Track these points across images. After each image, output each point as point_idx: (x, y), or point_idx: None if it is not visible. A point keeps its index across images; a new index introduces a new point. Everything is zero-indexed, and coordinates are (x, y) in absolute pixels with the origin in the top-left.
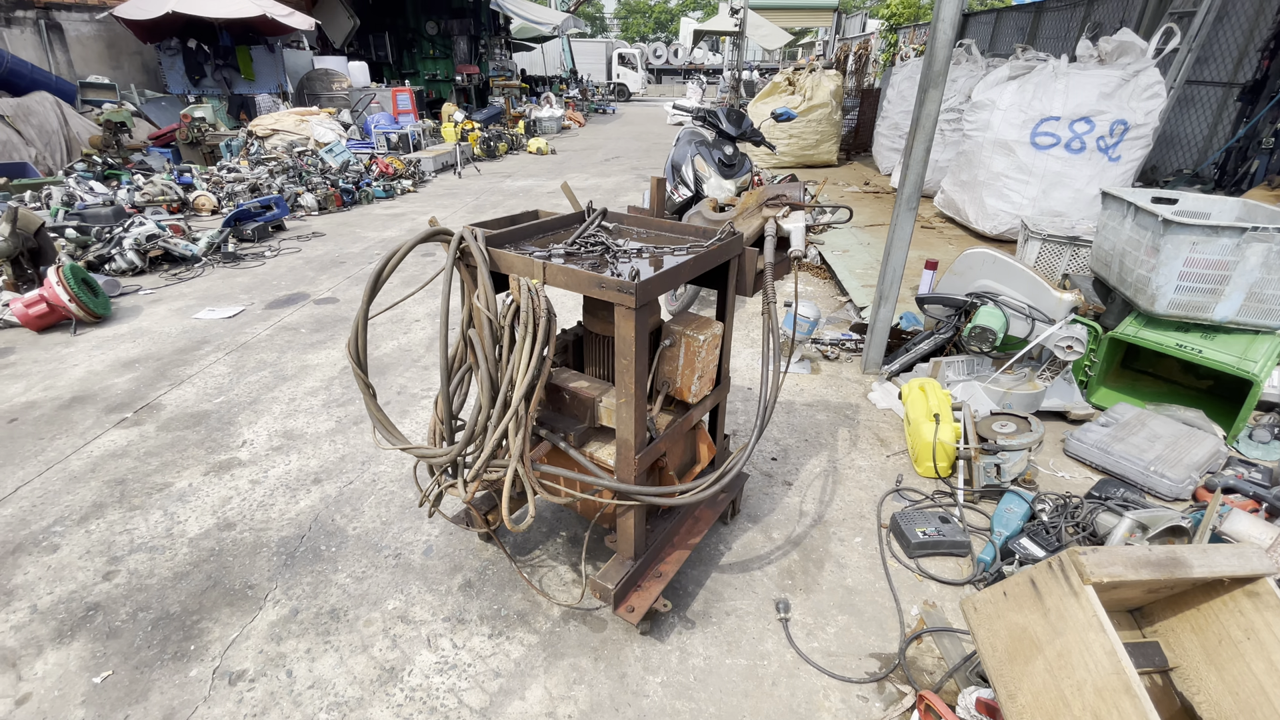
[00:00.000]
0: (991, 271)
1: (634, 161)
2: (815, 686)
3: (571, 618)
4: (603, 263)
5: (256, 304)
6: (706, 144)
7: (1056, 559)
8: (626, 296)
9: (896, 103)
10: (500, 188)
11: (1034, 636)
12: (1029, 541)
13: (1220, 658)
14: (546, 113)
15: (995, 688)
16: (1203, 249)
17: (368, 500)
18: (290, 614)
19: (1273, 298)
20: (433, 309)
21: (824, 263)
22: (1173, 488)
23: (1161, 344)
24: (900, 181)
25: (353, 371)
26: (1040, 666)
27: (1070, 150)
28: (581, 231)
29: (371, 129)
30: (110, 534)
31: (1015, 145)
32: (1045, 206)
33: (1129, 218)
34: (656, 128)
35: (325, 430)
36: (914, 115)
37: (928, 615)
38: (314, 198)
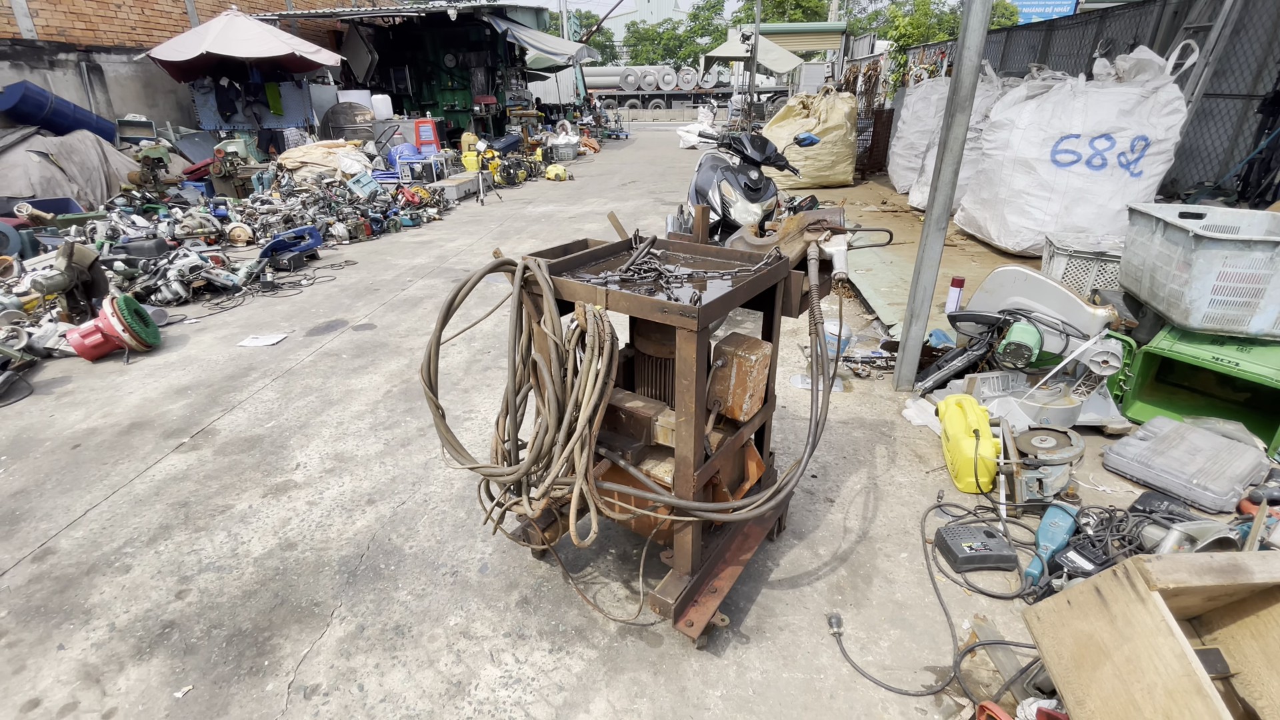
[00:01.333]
0: (1024, 289)
1: (650, 185)
2: (873, 699)
3: (628, 633)
4: (657, 287)
5: (298, 331)
6: (731, 169)
7: (1121, 567)
8: (689, 320)
9: (911, 123)
10: (522, 214)
11: (1101, 643)
12: (1076, 555)
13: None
14: (563, 140)
15: (1062, 694)
16: (1235, 263)
17: (421, 520)
18: (357, 630)
19: None
20: (469, 333)
21: (848, 281)
22: (1216, 500)
23: (1198, 357)
24: (929, 202)
25: (424, 394)
26: (1108, 672)
27: (1091, 167)
28: (635, 259)
29: (396, 159)
30: (179, 554)
31: (1036, 163)
32: (1068, 223)
33: (1158, 233)
34: (670, 152)
35: (374, 453)
36: (941, 138)
37: (979, 629)
38: (345, 227)
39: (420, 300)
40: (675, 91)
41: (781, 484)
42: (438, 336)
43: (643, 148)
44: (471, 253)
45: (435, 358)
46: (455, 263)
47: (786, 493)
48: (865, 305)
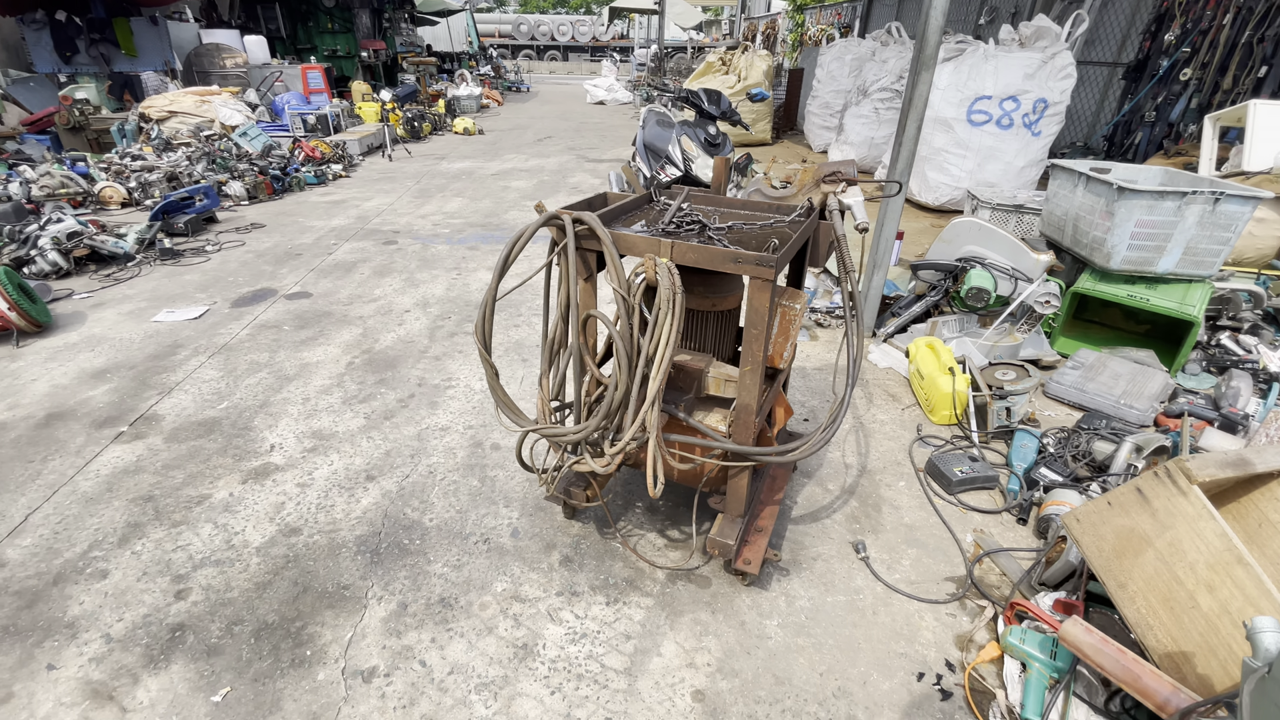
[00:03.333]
0: (977, 238)
1: (568, 141)
2: (909, 610)
3: (676, 579)
4: (706, 238)
5: (220, 303)
6: (689, 124)
7: (1162, 468)
8: (765, 269)
9: (826, 82)
10: (439, 170)
11: (1143, 533)
12: (1046, 470)
13: (1261, 538)
14: (465, 91)
15: (1104, 581)
16: (1150, 212)
17: (433, 492)
18: (400, 608)
19: (1204, 251)
20: (420, 298)
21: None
22: (1139, 416)
23: (1117, 295)
24: (893, 158)
25: (479, 354)
26: (1150, 557)
27: (1000, 126)
28: (673, 211)
29: (284, 110)
30: (162, 553)
31: (954, 122)
32: (980, 178)
33: (1080, 186)
34: (579, 107)
35: (357, 428)
36: (906, 96)
37: (981, 540)
38: (242, 186)
39: (354, 265)
40: (572, 44)
41: (831, 421)
42: (493, 295)
43: (548, 102)
44: (394, 212)
45: (490, 317)
46: (379, 223)
47: (834, 430)
48: None
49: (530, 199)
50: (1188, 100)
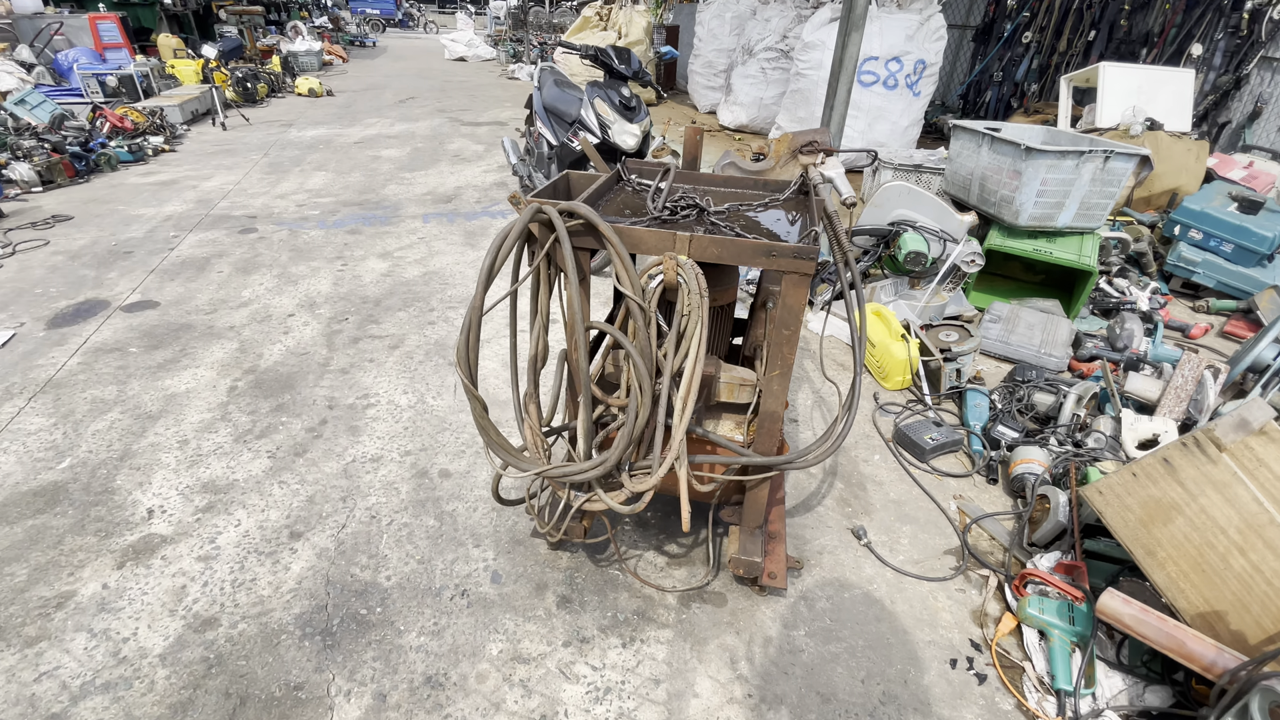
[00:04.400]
0: (906, 201)
1: (435, 103)
2: (922, 593)
3: (690, 600)
4: (710, 225)
5: (30, 323)
6: (600, 86)
7: (1190, 437)
8: (805, 263)
9: (708, 40)
10: (288, 139)
11: (1171, 502)
12: (1003, 427)
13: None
14: (302, 46)
15: (1131, 549)
16: (1053, 171)
17: (382, 542)
18: (377, 700)
19: (1095, 205)
20: (303, 297)
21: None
22: (1057, 363)
23: (1025, 250)
24: (823, 121)
25: (462, 384)
26: (1180, 524)
27: (887, 87)
28: (665, 196)
29: (73, 71)
30: (19, 687)
31: None
32: (871, 138)
33: (984, 147)
34: (437, 64)
35: (262, 471)
36: (835, 58)
37: (965, 507)
38: (30, 168)
39: (208, 262)
40: None
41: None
42: (479, 310)
43: (401, 58)
44: (245, 193)
45: (475, 343)
46: (229, 207)
47: (849, 427)
48: None
49: (408, 170)
50: (1029, 61)
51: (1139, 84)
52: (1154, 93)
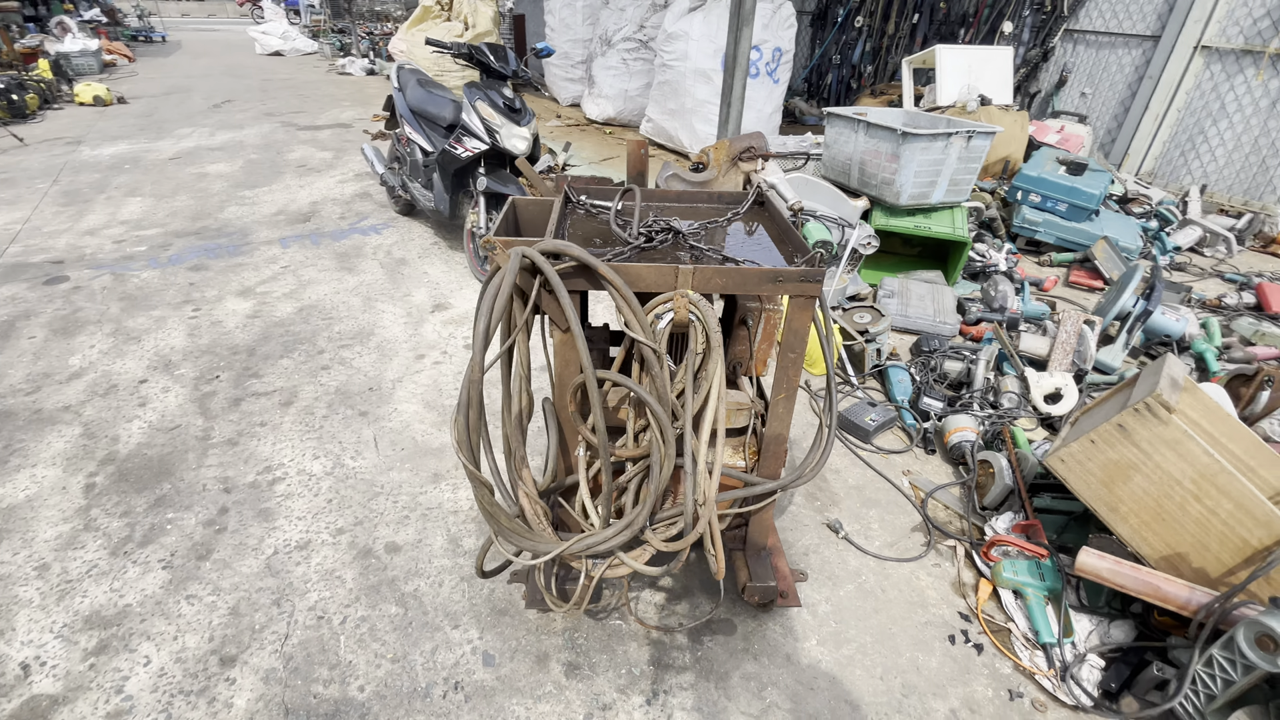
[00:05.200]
0: (804, 191)
1: (260, 105)
2: (904, 575)
3: (701, 635)
4: (694, 250)
5: None
6: (479, 87)
7: (1142, 403)
8: (812, 286)
9: (561, 31)
10: (83, 161)
11: (1129, 462)
12: (927, 399)
13: None
14: (74, 45)
15: (1094, 508)
16: (926, 152)
17: (340, 646)
18: None
19: (961, 180)
20: (152, 357)
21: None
22: (950, 330)
23: (906, 227)
24: (721, 117)
25: (465, 470)
26: (1139, 481)
27: (750, 76)
28: (636, 221)
29: None
30: None
31: (712, 73)
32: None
33: (860, 132)
34: (249, 60)
35: (159, 588)
36: (729, 53)
37: (916, 481)
38: None
39: (12, 327)
40: None
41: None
42: (479, 380)
43: (202, 54)
44: (38, 232)
45: (479, 416)
46: (20, 253)
47: (832, 433)
48: None
49: (247, 187)
50: (863, 44)
51: (969, 63)
52: (981, 70)
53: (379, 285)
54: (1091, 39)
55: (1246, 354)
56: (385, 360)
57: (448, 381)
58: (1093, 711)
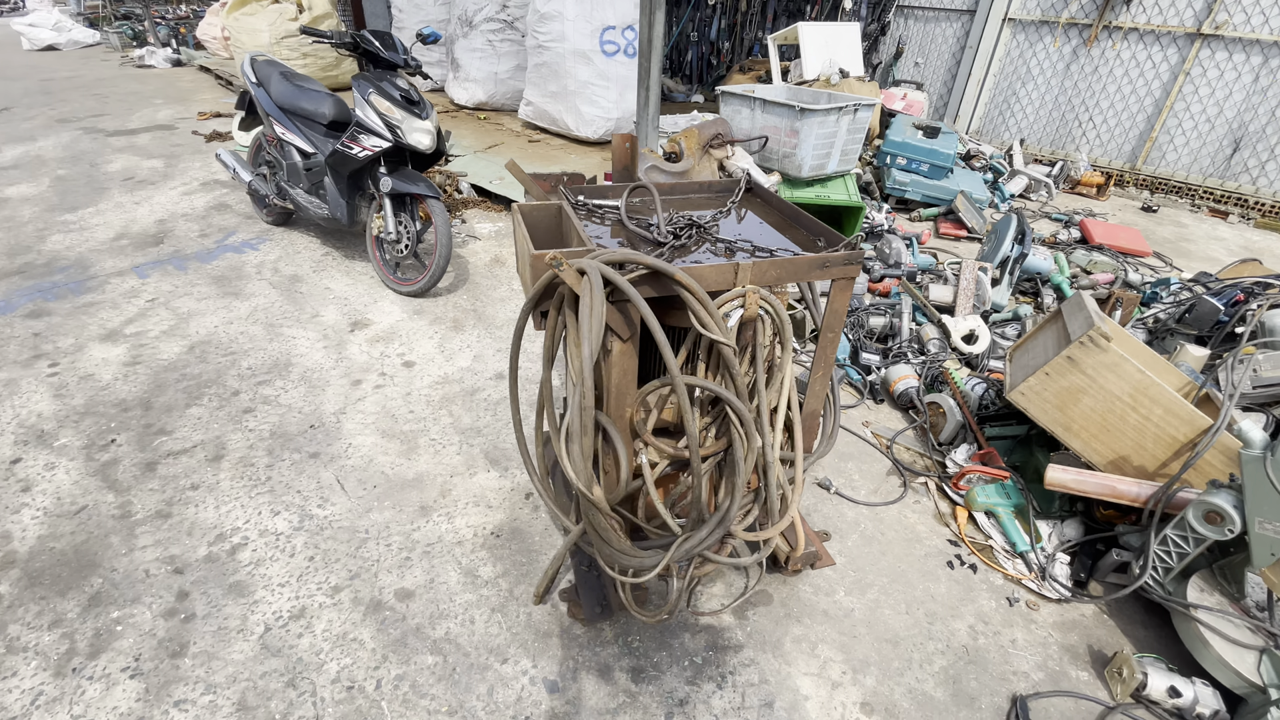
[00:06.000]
0: None
1: (49, 110)
2: (895, 516)
3: (744, 611)
4: (720, 244)
5: None
6: (371, 79)
7: (1086, 336)
8: (853, 269)
9: (411, 11)
10: None
11: (1078, 387)
12: (865, 355)
13: None
14: None
15: (1052, 430)
16: (823, 126)
17: (382, 713)
18: None
19: (850, 150)
20: (16, 429)
21: (483, 194)
22: (861, 288)
23: (808, 197)
24: (640, 101)
25: (585, 500)
26: (1087, 401)
27: (628, 56)
28: (660, 220)
29: None
30: None
31: (591, 54)
32: (625, 108)
33: (757, 110)
34: (17, 57)
35: (135, 700)
36: (643, 37)
37: (877, 430)
38: None
39: None
40: None
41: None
42: (591, 403)
43: None
44: None
45: (593, 439)
46: None
47: (839, 413)
48: None
49: (66, 210)
50: (719, 21)
51: (826, 39)
52: (837, 45)
53: (278, 308)
54: (919, 13)
55: (1091, 281)
56: (317, 392)
57: (398, 406)
58: (1073, 600)
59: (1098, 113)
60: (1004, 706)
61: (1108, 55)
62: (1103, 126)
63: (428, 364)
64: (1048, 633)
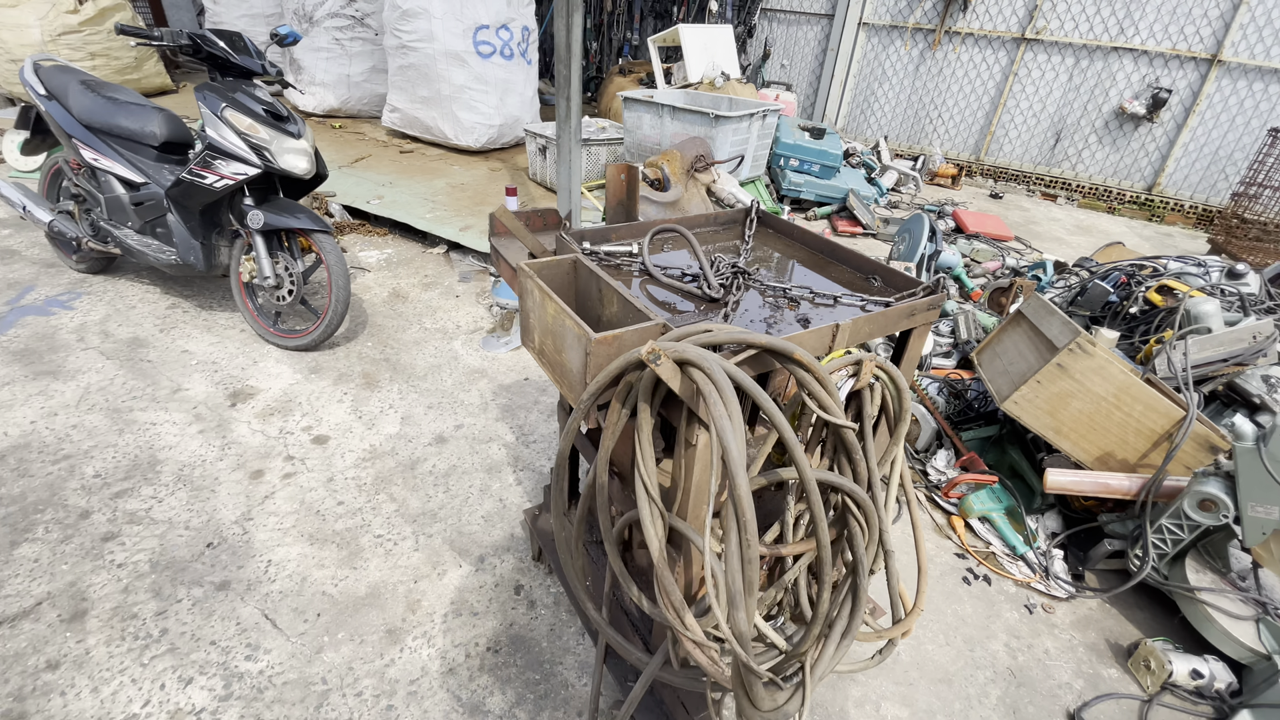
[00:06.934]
0: None
1: None
2: (902, 535)
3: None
4: (771, 292)
5: None
6: (220, 90)
7: (1074, 344)
8: (935, 313)
9: (231, 5)
10: None
11: (1068, 391)
12: None
13: None
14: None
15: (1045, 435)
16: (736, 132)
17: None
18: None
19: (761, 155)
20: None
21: (358, 215)
22: None
23: None
24: (563, 111)
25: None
26: (1075, 404)
27: (504, 57)
28: (707, 266)
29: None
30: None
31: (465, 56)
32: (507, 113)
33: (665, 116)
34: None
35: None
36: (562, 40)
37: None
38: None
39: None
40: None
41: None
42: (754, 547)
43: None
44: None
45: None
46: None
47: None
48: (423, 237)
49: None
50: (584, 21)
51: (705, 41)
52: (715, 47)
53: (121, 386)
54: (782, 17)
55: (982, 270)
56: (204, 496)
57: (321, 498)
58: (1079, 595)
59: (945, 110)
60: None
61: (950, 58)
62: (951, 122)
63: (345, 436)
64: (1070, 635)
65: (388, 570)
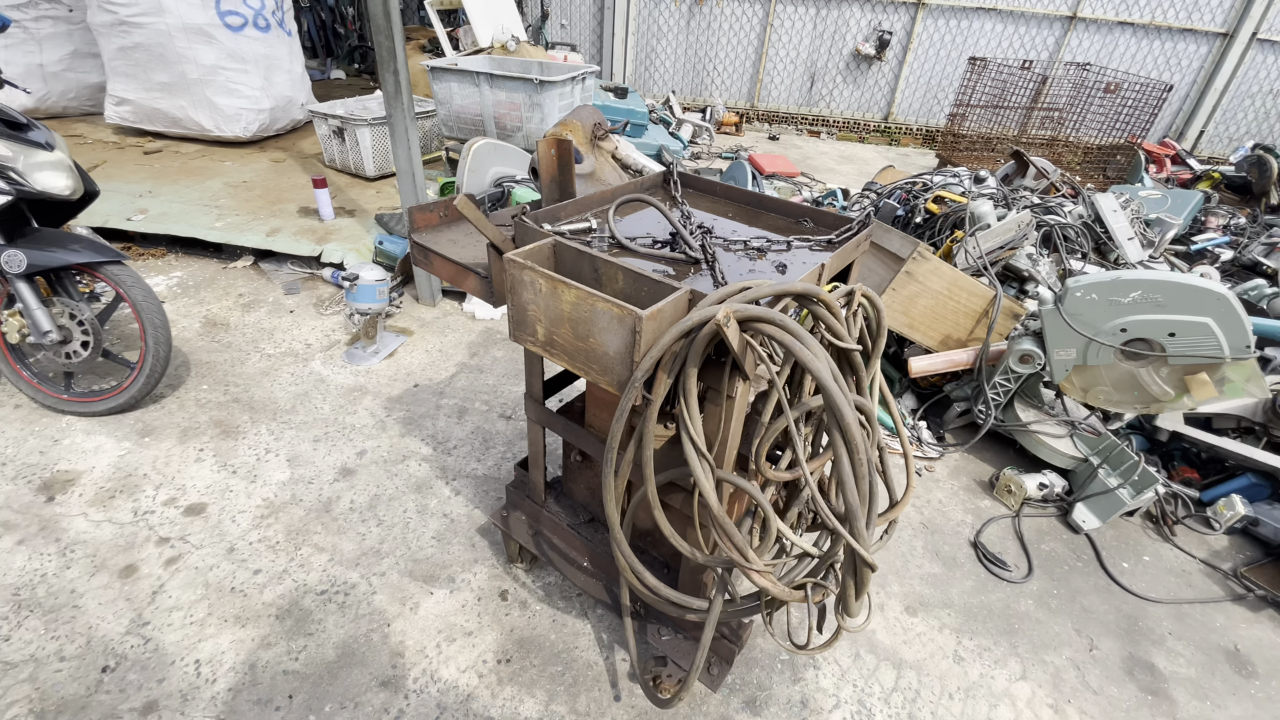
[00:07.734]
0: (495, 158)
1: None
2: None
3: None
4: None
5: None
6: None
7: (916, 253)
8: (868, 242)
9: None
10: None
11: (915, 293)
12: None
13: None
14: None
15: (903, 331)
16: (564, 97)
17: None
18: None
19: None
20: None
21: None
22: None
23: None
24: (390, 87)
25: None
26: (922, 302)
27: (259, 29)
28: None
29: None
30: None
31: (211, 30)
32: (278, 94)
33: (483, 85)
34: None
35: None
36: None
37: None
38: None
39: None
40: None
41: None
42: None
43: None
44: None
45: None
46: None
47: None
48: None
49: None
50: None
51: (487, 2)
52: (497, 8)
53: None
54: None
55: None
56: (66, 616)
57: (229, 573)
58: (947, 453)
59: (719, 63)
60: (971, 553)
61: (715, 13)
62: (726, 74)
63: (226, 498)
64: (950, 484)
65: (351, 624)
